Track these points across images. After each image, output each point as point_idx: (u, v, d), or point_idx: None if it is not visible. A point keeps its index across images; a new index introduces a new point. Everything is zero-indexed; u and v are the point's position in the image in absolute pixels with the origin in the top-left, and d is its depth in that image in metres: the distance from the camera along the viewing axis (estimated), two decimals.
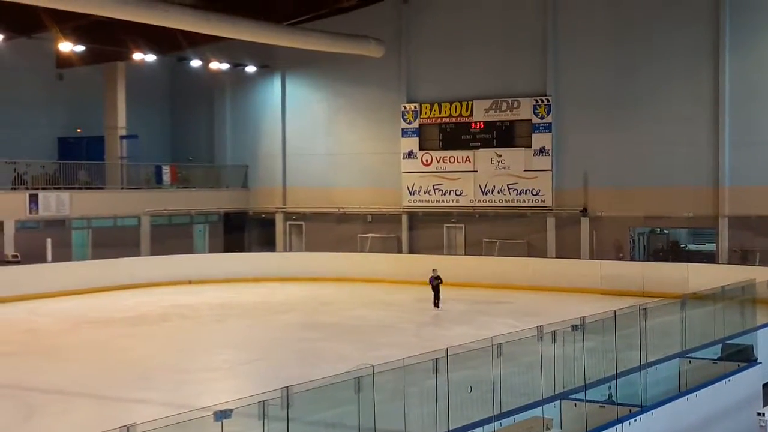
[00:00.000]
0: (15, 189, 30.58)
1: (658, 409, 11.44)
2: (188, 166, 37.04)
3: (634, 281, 27.17)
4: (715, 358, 14.67)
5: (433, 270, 25.88)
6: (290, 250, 36.14)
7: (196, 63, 34.73)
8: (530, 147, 31.66)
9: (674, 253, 30.24)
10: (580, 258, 30.39)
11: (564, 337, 12.37)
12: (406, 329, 22.76)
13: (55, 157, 34.42)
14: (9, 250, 29.07)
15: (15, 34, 29.04)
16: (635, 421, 10.61)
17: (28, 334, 22.16)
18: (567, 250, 30.88)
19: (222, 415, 7.72)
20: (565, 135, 31.19)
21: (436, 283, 25.57)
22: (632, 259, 29.97)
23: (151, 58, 32.87)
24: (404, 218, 34.07)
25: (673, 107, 29.34)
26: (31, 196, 30.08)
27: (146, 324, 23.70)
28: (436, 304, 25.53)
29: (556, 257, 30.92)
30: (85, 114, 35.19)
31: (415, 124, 33.68)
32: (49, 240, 30.03)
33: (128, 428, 7.07)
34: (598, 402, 11.77)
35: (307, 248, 35.60)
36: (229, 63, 35.40)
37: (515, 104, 31.87)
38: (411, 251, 33.70)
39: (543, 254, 31.23)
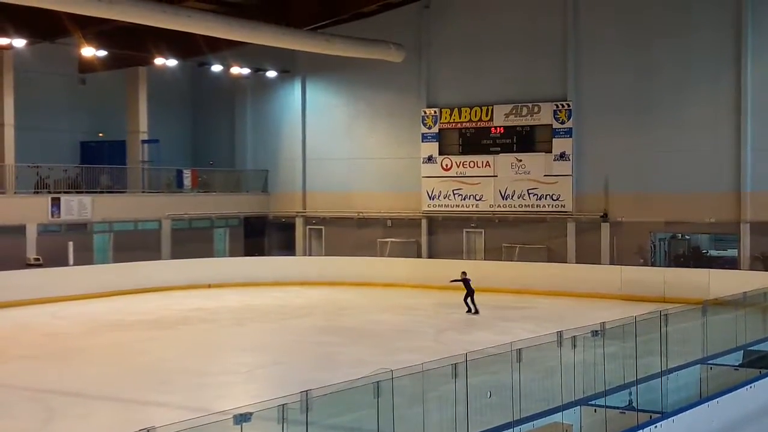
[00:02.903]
0: (37, 193, 30.80)
1: (679, 415, 11.34)
2: (209, 170, 37.18)
3: (655, 287, 27.00)
4: (737, 364, 14.55)
5: (464, 273, 25.83)
6: (310, 255, 36.18)
7: (217, 68, 34.87)
8: (550, 152, 31.54)
9: (695, 258, 30.00)
10: (600, 263, 30.24)
11: (584, 343, 12.32)
12: (426, 334, 22.72)
13: (78, 161, 34.64)
14: (31, 254, 29.28)
15: (38, 39, 29.24)
16: (655, 427, 10.52)
17: (50, 338, 22.29)
18: (587, 255, 30.72)
19: (241, 418, 7.74)
20: (586, 140, 31.05)
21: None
22: (653, 264, 29.78)
23: (172, 62, 33.04)
24: (424, 223, 34.03)
25: (695, 112, 29.15)
26: (53, 199, 30.29)
27: (166, 327, 23.80)
28: (476, 309, 25.21)
29: (577, 263, 30.77)
30: (107, 118, 35.40)
31: (435, 129, 33.65)
32: (70, 243, 30.25)
33: (147, 431, 7.10)
34: (618, 408, 11.69)
35: (327, 252, 35.63)
36: (249, 68, 35.52)
37: (536, 109, 31.77)
38: (430, 256, 33.64)
39: (563, 259, 31.09)
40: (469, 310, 25.43)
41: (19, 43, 28.57)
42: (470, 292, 25.56)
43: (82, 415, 14.47)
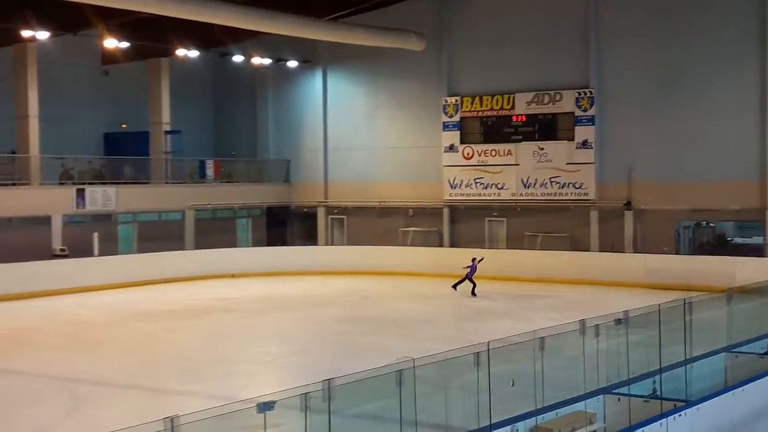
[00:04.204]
0: (62, 184, 31.04)
1: (704, 404, 11.29)
2: (231, 160, 37.30)
3: (680, 275, 26.77)
4: (762, 352, 14.44)
5: (474, 258, 26.85)
6: (332, 244, 36.24)
7: (238, 58, 34.93)
8: (573, 140, 31.36)
9: (720, 246, 29.75)
10: (624, 252, 30.07)
11: (607, 331, 12.28)
12: (448, 323, 22.74)
13: (101, 152, 34.89)
14: (57, 244, 29.53)
15: (61, 31, 29.42)
16: (680, 416, 10.47)
17: (76, 327, 22.51)
18: (610, 243, 30.56)
19: (265, 407, 7.79)
20: (609, 127, 30.84)
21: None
22: (677, 252, 29.57)
23: (194, 53, 33.14)
24: (445, 212, 33.97)
25: (719, 99, 28.84)
26: (78, 191, 30.53)
27: (191, 317, 23.94)
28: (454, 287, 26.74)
29: (600, 251, 30.61)
30: (130, 110, 35.56)
31: (456, 118, 33.56)
32: (95, 234, 30.46)
33: (172, 420, 7.14)
34: (642, 397, 11.65)
35: (349, 242, 35.68)
36: (271, 58, 35.56)
37: (557, 97, 31.58)
38: (452, 245, 33.60)
39: (586, 248, 30.93)
40: (456, 285, 26.74)
41: (43, 35, 28.75)
42: (469, 276, 26.55)
43: (107, 404, 14.60)
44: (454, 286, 26.93)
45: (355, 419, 9.59)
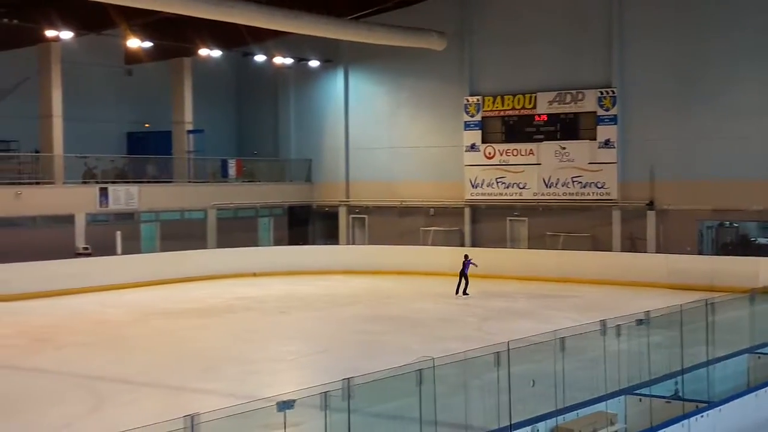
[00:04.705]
0: (86, 183, 31.25)
1: (726, 405, 11.22)
2: (253, 160, 37.42)
3: (702, 275, 26.61)
4: None
5: (466, 255, 27.09)
6: (353, 243, 36.27)
7: (260, 58, 35.03)
8: (595, 139, 31.21)
9: (744, 246, 29.50)
10: (646, 252, 29.90)
11: (629, 332, 12.22)
12: (469, 323, 22.68)
13: (124, 151, 35.10)
14: (80, 243, 29.72)
15: (85, 31, 29.62)
16: (702, 417, 10.41)
17: (99, 325, 22.64)
18: (632, 243, 30.38)
19: (285, 405, 7.81)
20: (631, 127, 30.66)
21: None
22: (700, 252, 29.35)
23: (216, 53, 33.29)
24: (467, 211, 33.91)
25: (742, 98, 28.61)
26: (101, 189, 30.70)
27: (213, 315, 24.03)
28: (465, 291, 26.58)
29: (622, 251, 30.45)
30: (153, 109, 35.75)
31: (478, 117, 33.48)
32: (118, 233, 30.64)
33: (192, 418, 7.18)
34: (664, 397, 11.59)
35: (370, 241, 35.70)
36: (292, 58, 35.64)
37: (580, 96, 31.44)
38: (474, 245, 33.49)
39: (608, 248, 30.77)
40: (460, 292, 26.48)
41: (67, 35, 28.95)
42: (463, 273, 26.68)
43: (129, 402, 14.67)
44: (458, 292, 26.56)
45: (374, 418, 9.58)
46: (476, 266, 26.88)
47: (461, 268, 26.80)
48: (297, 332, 21.96)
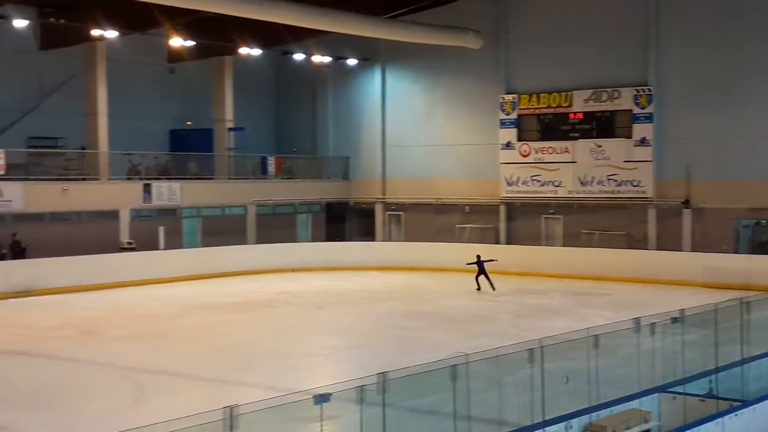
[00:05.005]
0: (130, 179, 31.60)
1: (761, 404, 11.09)
2: (292, 157, 37.58)
3: (738, 274, 26.28)
4: None
5: (478, 255, 27.25)
6: (389, 240, 36.31)
7: (299, 57, 35.19)
8: (631, 137, 30.93)
9: None
10: (681, 250, 29.59)
11: (663, 330, 12.14)
12: (503, 319, 22.62)
13: (167, 148, 35.41)
14: (124, 238, 30.08)
15: (129, 30, 29.94)
16: (736, 415, 10.31)
17: (142, 319, 22.88)
18: (668, 242, 30.09)
19: (321, 398, 7.86)
20: (667, 125, 30.35)
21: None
22: (736, 251, 28.98)
23: (256, 52, 33.50)
24: (502, 209, 33.79)
25: None
26: (144, 186, 31.04)
27: (252, 310, 24.21)
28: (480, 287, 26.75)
29: (657, 249, 30.16)
30: (195, 107, 36.04)
31: (514, 115, 33.34)
32: (161, 228, 30.95)
33: (231, 409, 7.26)
34: (698, 396, 11.49)
35: (406, 238, 35.70)
36: (331, 56, 35.75)
37: (615, 94, 31.17)
38: (509, 242, 33.41)
39: (643, 246, 30.50)
40: (479, 288, 26.71)
41: (111, 34, 29.31)
42: (483, 272, 26.75)
43: (170, 394, 14.83)
44: (480, 287, 26.83)
45: (409, 413, 9.61)
46: (495, 261, 27.24)
47: (478, 269, 26.81)
48: (334, 327, 22.05)
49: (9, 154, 27.60)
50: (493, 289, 26.53)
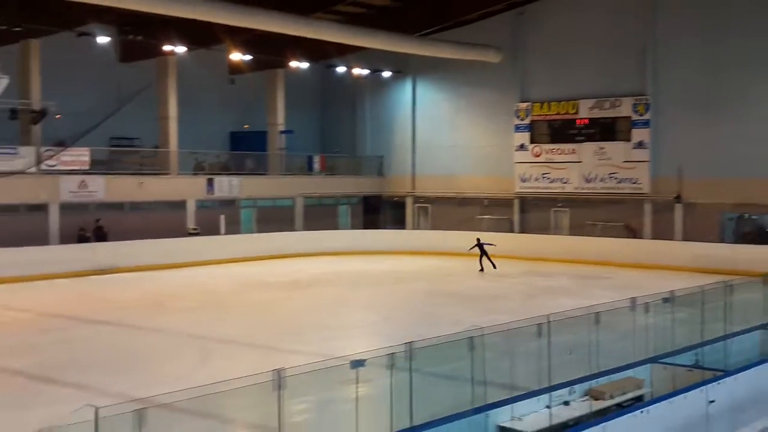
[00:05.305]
0: (196, 174, 31.85)
1: (741, 373, 10.97)
2: (334, 156, 37.65)
3: (724, 261, 25.94)
4: None
5: (478, 238, 27.42)
6: (418, 228, 36.27)
7: (341, 69, 35.19)
8: (629, 141, 30.62)
9: (761, 236, 28.63)
10: (673, 239, 29.26)
11: (656, 309, 12.04)
12: (515, 298, 22.53)
13: (228, 148, 35.63)
14: (191, 225, 30.37)
15: (195, 46, 30.14)
16: (719, 383, 10.20)
17: (205, 293, 23.11)
18: (662, 232, 29.77)
19: (357, 363, 7.90)
20: (662, 130, 29.99)
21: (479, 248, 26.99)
22: (722, 241, 28.60)
23: (304, 65, 33.55)
24: (516, 202, 33.63)
25: (763, 105, 27.76)
26: (208, 180, 31.29)
27: (299, 288, 24.33)
28: (493, 265, 26.81)
29: (652, 238, 29.85)
30: (252, 112, 36.20)
31: (527, 121, 33.13)
32: (222, 216, 31.18)
33: (279, 372, 7.33)
34: (686, 366, 11.39)
35: (433, 227, 35.65)
36: (369, 69, 35.71)
37: (617, 103, 30.87)
38: (522, 231, 33.26)
39: (640, 235, 30.20)
40: (482, 269, 26.78)
41: (181, 49, 29.53)
42: (484, 253, 26.86)
43: (229, 358, 14.96)
44: (493, 266, 26.89)
45: (432, 377, 9.64)
46: (494, 245, 27.18)
47: (480, 252, 26.94)
48: (369, 303, 22.10)
49: (94, 152, 27.97)
50: (494, 267, 26.70)
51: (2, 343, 16.41)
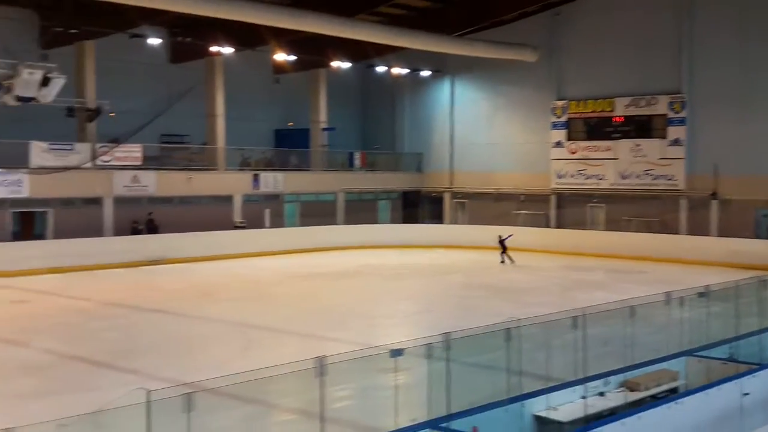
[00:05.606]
0: (242, 170, 32.11)
1: None
2: (374, 153, 37.66)
3: (758, 257, 25.39)
4: None
5: (500, 235, 27.62)
6: (456, 223, 36.14)
7: (381, 69, 35.15)
8: (665, 138, 30.09)
9: None
10: (708, 235, 28.70)
11: (691, 303, 11.84)
12: (552, 291, 22.32)
13: (272, 145, 35.85)
14: (237, 218, 30.65)
15: (242, 47, 30.36)
16: (753, 376, 9.99)
17: (251, 284, 23.31)
18: (697, 228, 29.23)
19: (396, 353, 7.91)
20: (698, 128, 29.41)
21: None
22: (757, 237, 27.96)
23: (346, 65, 33.58)
24: (552, 198, 33.29)
25: None
26: (254, 175, 31.52)
27: (340, 279, 24.41)
28: (504, 261, 27.19)
29: (687, 234, 29.31)
30: (295, 110, 36.34)
31: (564, 118, 32.75)
32: (267, 210, 31.42)
33: (321, 359, 7.36)
34: (720, 359, 11.17)
35: (470, 222, 35.47)
36: (408, 68, 35.61)
37: (653, 101, 30.34)
38: (558, 226, 32.91)
39: (675, 231, 29.68)
40: (503, 262, 27.16)
41: (228, 50, 29.78)
42: (504, 248, 27.37)
43: (273, 346, 15.09)
44: (503, 261, 27.23)
45: (469, 367, 9.59)
46: (511, 235, 27.74)
47: (501, 248, 27.29)
48: (407, 294, 22.09)
49: (145, 149, 28.34)
50: (513, 262, 26.96)
51: (66, 329, 16.74)
